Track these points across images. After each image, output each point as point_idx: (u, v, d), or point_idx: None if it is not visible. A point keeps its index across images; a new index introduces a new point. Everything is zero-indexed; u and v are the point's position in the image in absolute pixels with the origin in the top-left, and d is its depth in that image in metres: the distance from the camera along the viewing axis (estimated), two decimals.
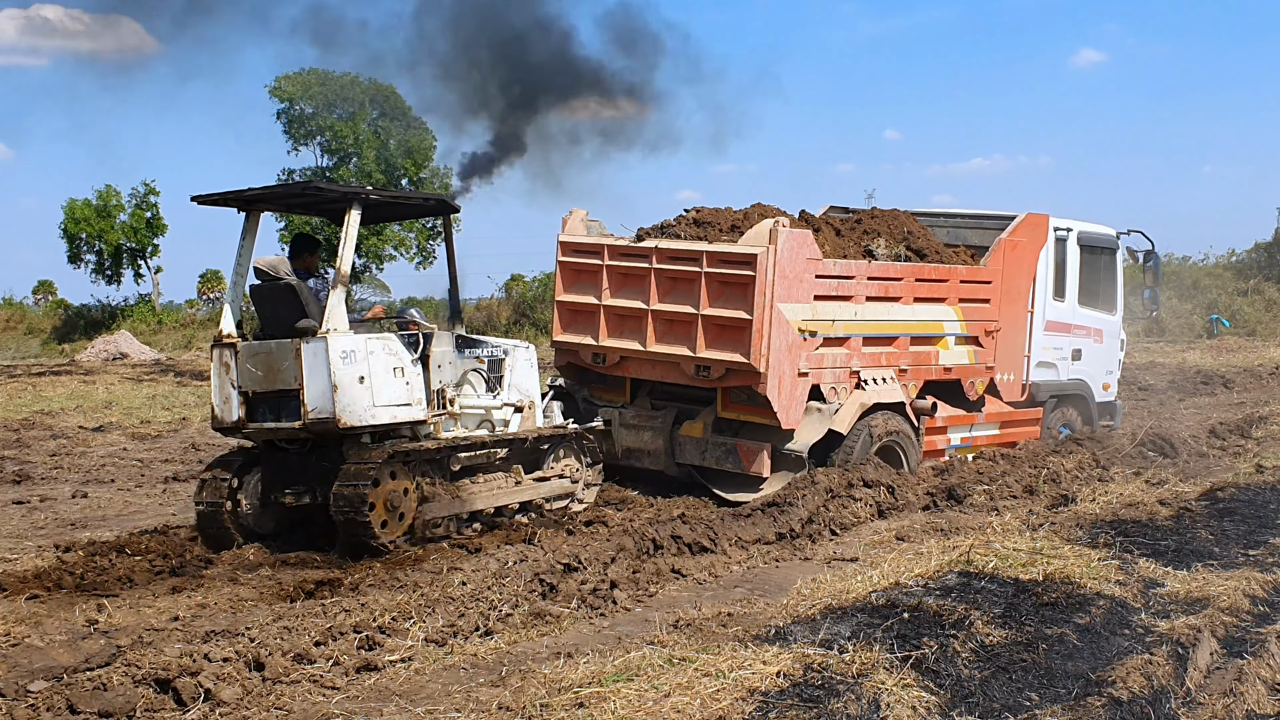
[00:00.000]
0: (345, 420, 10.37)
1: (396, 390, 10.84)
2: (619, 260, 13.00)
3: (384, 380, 10.72)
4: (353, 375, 10.44)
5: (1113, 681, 6.91)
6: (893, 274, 13.19)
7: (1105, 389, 16.64)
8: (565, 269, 13.57)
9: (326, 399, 10.30)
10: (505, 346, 12.41)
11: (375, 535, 10.36)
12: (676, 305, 12.53)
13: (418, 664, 7.61)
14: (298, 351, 10.38)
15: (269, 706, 6.90)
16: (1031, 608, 8.16)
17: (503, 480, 11.73)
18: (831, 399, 12.66)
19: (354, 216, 10.88)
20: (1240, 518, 11.10)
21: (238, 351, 10.83)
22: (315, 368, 10.32)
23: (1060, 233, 15.34)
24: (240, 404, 10.81)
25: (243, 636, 7.44)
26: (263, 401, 10.76)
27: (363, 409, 10.51)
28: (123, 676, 6.75)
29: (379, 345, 10.77)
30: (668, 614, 8.60)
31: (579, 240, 13.46)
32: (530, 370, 12.46)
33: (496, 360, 12.19)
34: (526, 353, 12.51)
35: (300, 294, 10.79)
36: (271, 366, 10.62)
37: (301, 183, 10.59)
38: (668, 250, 12.62)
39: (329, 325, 10.44)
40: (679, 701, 6.26)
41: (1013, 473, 13.43)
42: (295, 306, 10.73)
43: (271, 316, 10.99)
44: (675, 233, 12.93)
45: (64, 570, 9.91)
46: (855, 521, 11.74)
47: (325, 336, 10.36)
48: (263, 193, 11.01)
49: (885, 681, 6.56)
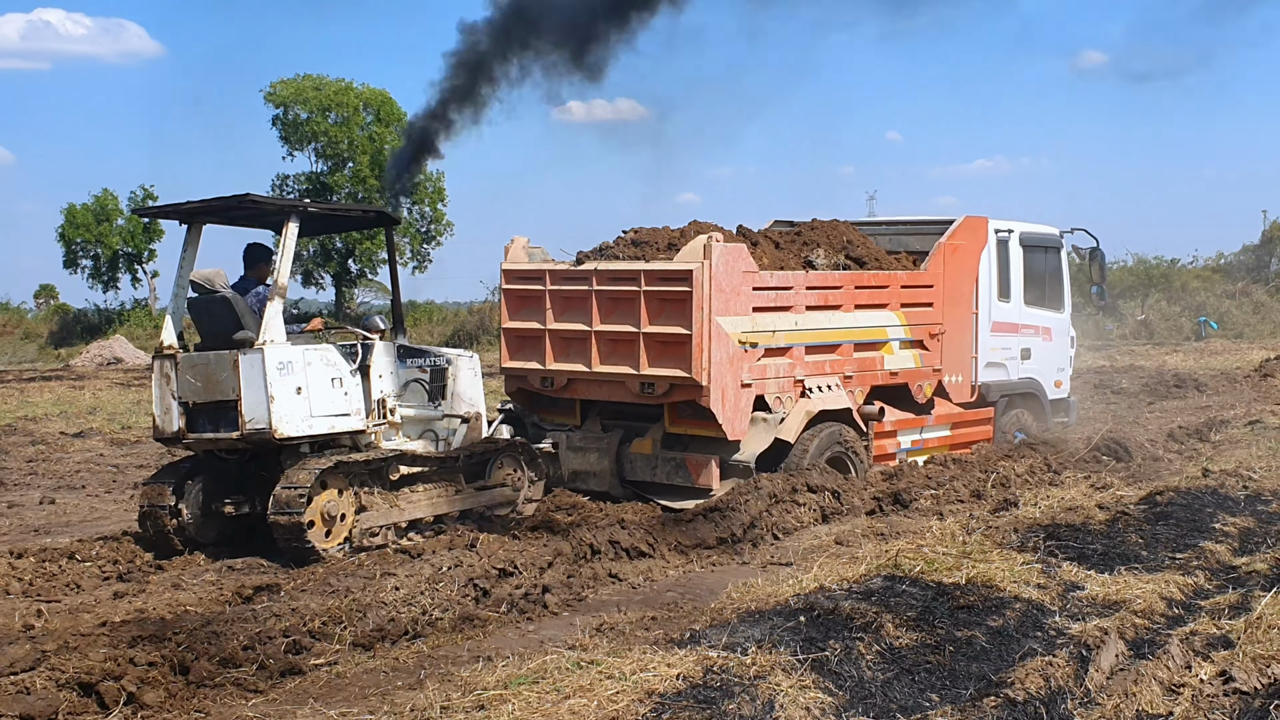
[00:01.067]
0: (282, 431, 10.61)
1: (335, 400, 11.06)
2: (561, 284, 13.20)
3: (321, 391, 10.94)
4: (289, 386, 10.66)
5: (1011, 683, 7.07)
6: (831, 282, 13.41)
7: (1057, 386, 16.86)
8: (510, 296, 13.79)
9: (263, 410, 10.53)
10: (448, 356, 12.61)
11: (310, 541, 10.56)
12: (618, 325, 12.73)
13: (341, 668, 7.84)
14: (235, 363, 10.63)
15: (190, 710, 7.12)
16: (947, 611, 8.33)
17: (443, 489, 11.87)
18: (777, 408, 12.87)
19: (292, 229, 11.11)
20: (1175, 521, 11.25)
21: (178, 363, 11.08)
22: (252, 379, 10.55)
23: (1001, 234, 15.55)
24: (180, 414, 11.03)
25: (169, 641, 7.66)
26: (202, 412, 10.99)
27: (299, 419, 10.73)
28: (46, 680, 6.98)
29: (316, 356, 11.00)
30: (593, 618, 8.79)
31: (521, 267, 13.68)
32: (475, 379, 12.63)
33: (439, 370, 12.36)
34: (470, 362, 12.68)
35: (236, 306, 11.07)
36: (210, 378, 10.87)
37: (238, 195, 10.82)
38: (607, 271, 12.85)
39: (265, 337, 10.66)
40: (576, 704, 6.45)
41: (961, 477, 13.61)
42: (232, 318, 11.01)
43: (209, 328, 11.28)
44: (614, 254, 13.16)
45: (12, 576, 10.14)
46: (798, 526, 11.92)
47: (262, 348, 10.58)
48: (201, 205, 11.23)
49: (782, 683, 6.74)
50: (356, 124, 56.35)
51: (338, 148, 56.39)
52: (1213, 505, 11.88)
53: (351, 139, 56.04)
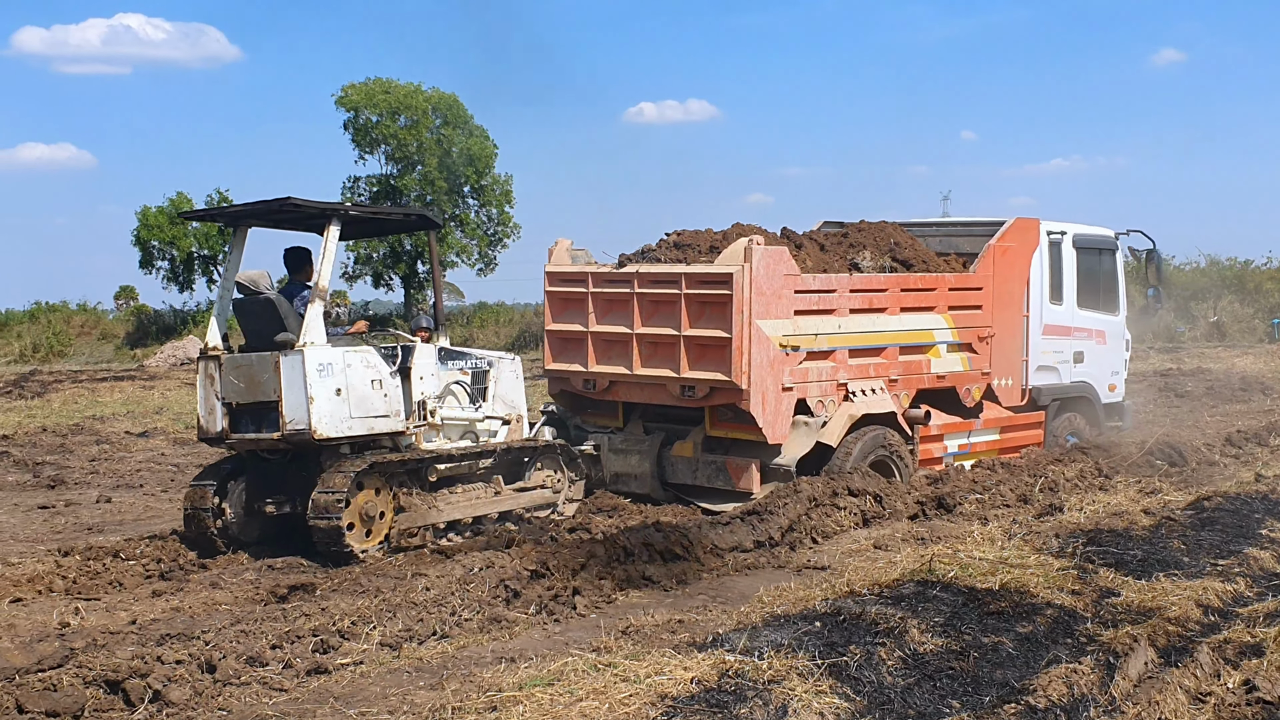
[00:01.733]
0: (321, 431, 10.74)
1: (374, 402, 11.18)
2: (603, 287, 13.30)
3: (361, 392, 11.08)
4: (329, 387, 10.80)
5: (1033, 690, 7.03)
6: (876, 285, 13.37)
7: (1111, 390, 16.67)
8: (553, 298, 13.89)
9: (303, 411, 10.67)
10: (490, 358, 12.72)
11: (348, 544, 10.69)
12: (659, 328, 12.80)
13: (366, 667, 7.90)
14: (276, 364, 10.78)
15: (214, 708, 7.23)
16: (976, 617, 8.26)
17: (482, 490, 11.98)
18: (819, 412, 12.85)
19: (333, 232, 11.24)
20: (1221, 527, 11.10)
21: (222, 364, 11.23)
22: (292, 380, 10.70)
23: (1054, 236, 15.43)
24: (224, 415, 11.20)
25: (198, 639, 7.77)
26: (245, 413, 11.15)
27: (339, 420, 10.88)
28: (73, 678, 7.10)
29: (357, 358, 11.12)
30: (620, 621, 8.81)
31: (564, 270, 13.77)
32: (516, 382, 12.76)
33: (481, 372, 12.49)
34: (512, 364, 12.80)
35: (279, 308, 11.21)
36: (252, 379, 11.03)
37: (280, 198, 11.06)
38: (648, 274, 12.91)
39: (306, 339, 10.81)
40: (588, 706, 6.47)
41: (1008, 481, 13.49)
42: (274, 320, 11.15)
43: (253, 330, 11.43)
44: (656, 256, 13.23)
45: (57, 574, 10.34)
46: (838, 530, 11.88)
47: (302, 350, 10.74)
48: (244, 209, 11.46)
49: (797, 688, 6.72)
50: (425, 127, 56.85)
51: (407, 150, 56.92)
52: (1262, 511, 11.68)
53: (420, 142, 56.55)
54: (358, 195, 58.35)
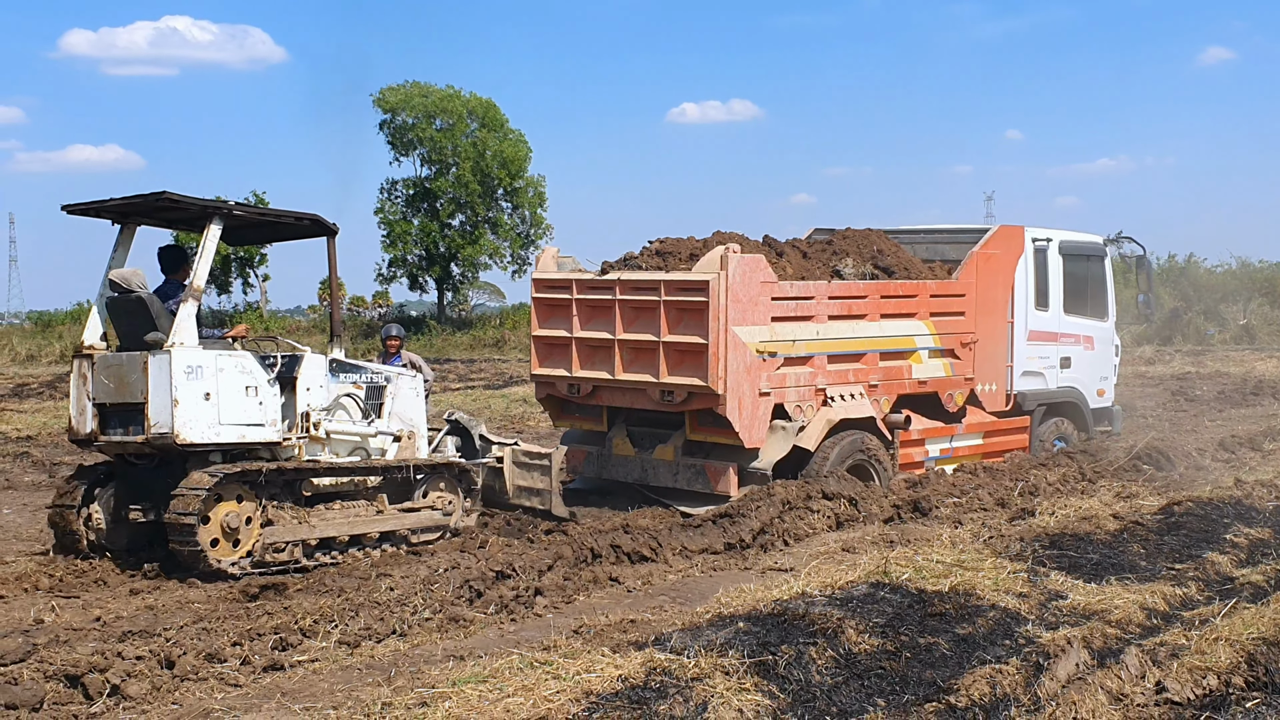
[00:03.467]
0: (185, 436, 10.42)
1: (247, 409, 10.82)
2: (587, 293, 13.55)
3: (233, 398, 10.72)
4: (197, 391, 10.49)
5: (956, 689, 7.24)
6: (855, 292, 13.58)
7: (1100, 395, 16.84)
8: (539, 305, 14.17)
9: (168, 414, 10.36)
10: (387, 374, 12.47)
11: (212, 561, 10.44)
12: (640, 334, 13.05)
13: (320, 664, 8.18)
14: (144, 365, 10.48)
15: (169, 702, 7.55)
16: (918, 618, 8.45)
17: (362, 508, 11.61)
18: (797, 416, 13.07)
19: (213, 231, 10.92)
20: (1186, 532, 11.22)
21: (95, 363, 11.01)
22: (159, 381, 10.39)
23: (1039, 243, 15.60)
24: (94, 416, 10.94)
25: (159, 636, 8.08)
26: (114, 414, 10.88)
27: (205, 426, 10.54)
28: (34, 672, 7.40)
29: (230, 362, 10.80)
30: (574, 621, 9.05)
31: (550, 276, 14.05)
32: (415, 399, 12.53)
33: (377, 387, 12.21)
34: (412, 381, 12.60)
35: (150, 307, 10.90)
36: (122, 379, 10.74)
37: (156, 193, 10.69)
38: (629, 281, 13.18)
39: (175, 339, 10.51)
40: (513, 702, 6.73)
41: (988, 485, 13.66)
42: (146, 319, 10.85)
43: (125, 329, 11.16)
44: (638, 264, 13.51)
45: (43, 573, 10.64)
46: (810, 533, 12.07)
47: (170, 350, 10.45)
48: (125, 203, 11.10)
49: (719, 685, 6.96)
50: (461, 130, 57.36)
51: (442, 153, 57.45)
52: (1232, 516, 11.79)
53: (455, 145, 57.06)
54: (395, 198, 58.97)
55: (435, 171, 58.36)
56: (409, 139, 58.01)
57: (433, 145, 57.46)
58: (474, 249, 57.50)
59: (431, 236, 57.38)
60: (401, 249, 58.07)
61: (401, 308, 65.81)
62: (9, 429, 22.88)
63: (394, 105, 57.54)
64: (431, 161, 58.39)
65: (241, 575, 10.51)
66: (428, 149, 57.97)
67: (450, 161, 57.59)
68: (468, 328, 56.73)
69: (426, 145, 57.80)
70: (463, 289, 62.85)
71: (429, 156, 58.34)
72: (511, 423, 23.10)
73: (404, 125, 57.90)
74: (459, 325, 57.89)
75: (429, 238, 57.48)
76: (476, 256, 57.99)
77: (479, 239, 57.65)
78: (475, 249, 57.53)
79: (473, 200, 56.93)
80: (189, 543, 10.32)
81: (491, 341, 52.51)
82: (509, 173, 57.17)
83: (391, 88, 58.00)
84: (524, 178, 58.24)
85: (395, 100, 57.52)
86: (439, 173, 58.15)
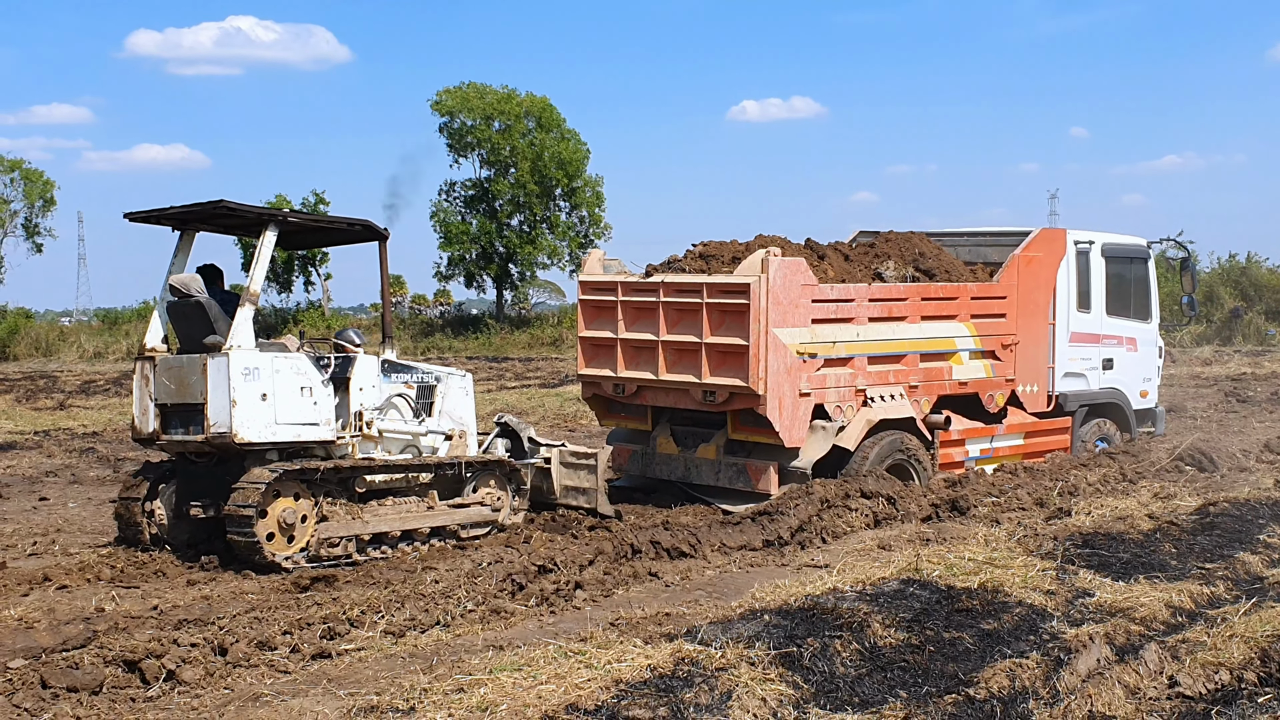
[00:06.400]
0: (243, 435, 10.85)
1: (302, 409, 11.23)
2: (632, 296, 13.85)
3: (289, 398, 11.13)
4: (254, 392, 10.90)
5: (976, 682, 7.47)
6: (895, 294, 13.80)
7: (1143, 396, 16.95)
8: (586, 306, 14.52)
9: (226, 414, 10.80)
10: (438, 373, 12.84)
11: (269, 554, 10.81)
12: (683, 335, 13.33)
13: (366, 653, 8.52)
14: (204, 367, 10.95)
15: (221, 687, 7.93)
16: (944, 613, 8.67)
17: (414, 504, 11.96)
18: (837, 416, 13.31)
19: (269, 237, 11.40)
20: (1220, 532, 11.34)
21: (156, 365, 11.46)
22: (218, 383, 10.85)
23: (1081, 245, 15.74)
24: (156, 416, 11.41)
25: (213, 625, 8.48)
26: (175, 414, 11.34)
27: (262, 425, 10.96)
28: (94, 657, 7.80)
29: (286, 364, 11.18)
30: (611, 613, 9.34)
31: (596, 279, 14.38)
32: (465, 399, 12.92)
33: (427, 387, 12.65)
34: (462, 381, 12.98)
35: (209, 311, 11.36)
36: (182, 380, 11.20)
37: (214, 201, 11.18)
38: (673, 284, 13.46)
39: (233, 342, 10.93)
40: (545, 690, 7.04)
41: (1027, 485, 13.81)
42: (205, 323, 11.33)
43: (185, 333, 11.63)
44: (681, 267, 13.80)
45: (104, 564, 11.09)
46: (848, 531, 12.30)
47: (228, 352, 10.87)
48: (184, 211, 11.57)
49: (743, 675, 7.23)
50: (519, 131, 57.75)
51: (500, 154, 57.87)
52: (1268, 517, 11.89)
53: (513, 146, 57.46)
54: (454, 199, 59.50)
55: (494, 173, 58.72)
56: (468, 140, 58.39)
57: (491, 147, 57.83)
58: (532, 249, 57.91)
59: (489, 236, 57.80)
60: (459, 248, 58.49)
61: (461, 306, 66.39)
62: (76, 425, 23.58)
63: (451, 108, 57.91)
64: (490, 163, 58.78)
65: (294, 569, 10.88)
66: (485, 150, 58.37)
67: (509, 162, 57.92)
68: (526, 326, 57.14)
69: (485, 147, 58.19)
70: (522, 287, 63.28)
71: (487, 158, 58.74)
72: (564, 421, 23.45)
73: (462, 127, 58.25)
74: (517, 324, 58.31)
75: (486, 237, 57.94)
76: (535, 256, 58.38)
77: (537, 239, 58.08)
78: (534, 249, 57.94)
79: (530, 200, 57.33)
80: (247, 534, 10.71)
81: (549, 340, 52.91)
82: (566, 173, 57.48)
83: (448, 90, 58.47)
84: (582, 178, 58.52)
85: (452, 103, 57.91)
86: (498, 174, 58.51)
